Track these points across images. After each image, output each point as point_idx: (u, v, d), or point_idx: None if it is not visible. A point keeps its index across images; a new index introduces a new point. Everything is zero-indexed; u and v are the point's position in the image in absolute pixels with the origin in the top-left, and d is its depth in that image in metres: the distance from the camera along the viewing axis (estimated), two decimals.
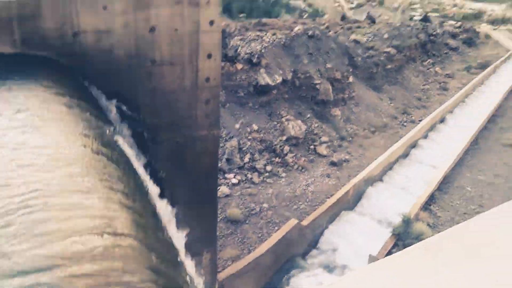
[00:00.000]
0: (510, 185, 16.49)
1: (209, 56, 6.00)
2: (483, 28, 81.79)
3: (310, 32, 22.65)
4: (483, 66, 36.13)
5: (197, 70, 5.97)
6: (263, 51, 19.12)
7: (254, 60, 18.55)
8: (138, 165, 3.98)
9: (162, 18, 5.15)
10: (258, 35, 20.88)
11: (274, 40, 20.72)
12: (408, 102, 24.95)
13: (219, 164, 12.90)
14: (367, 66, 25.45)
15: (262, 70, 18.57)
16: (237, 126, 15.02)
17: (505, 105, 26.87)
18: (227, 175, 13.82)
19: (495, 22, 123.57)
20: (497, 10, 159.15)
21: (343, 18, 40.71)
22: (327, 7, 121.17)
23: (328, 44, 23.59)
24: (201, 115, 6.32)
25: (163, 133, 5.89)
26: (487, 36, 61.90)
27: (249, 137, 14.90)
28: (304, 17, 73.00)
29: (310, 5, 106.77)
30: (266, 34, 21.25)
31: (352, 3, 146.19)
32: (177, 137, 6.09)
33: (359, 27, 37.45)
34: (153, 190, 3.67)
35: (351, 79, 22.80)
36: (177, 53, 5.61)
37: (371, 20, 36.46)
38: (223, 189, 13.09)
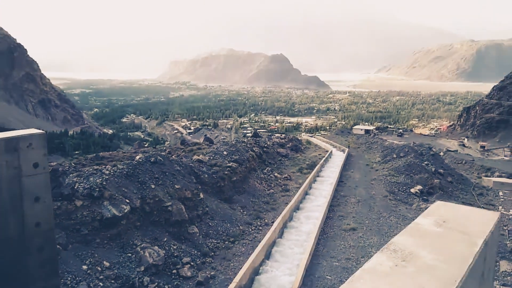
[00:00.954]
0: (361, 266, 18.59)
1: (37, 199, 5.68)
2: (304, 136, 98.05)
3: (152, 159, 23.33)
4: (311, 166, 42.32)
5: (23, 216, 5.52)
6: (104, 183, 18.57)
7: (96, 194, 17.76)
8: None
9: None
10: (96, 169, 20.40)
11: (115, 171, 20.50)
12: (259, 207, 26.89)
13: None
14: (215, 181, 27.04)
15: (106, 203, 17.79)
16: (85, 267, 13.49)
17: (338, 195, 31.44)
18: None
19: (311, 130, 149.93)
20: (310, 121, 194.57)
21: (183, 142, 43.34)
22: (167, 135, 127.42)
23: (173, 167, 24.51)
24: (34, 265, 5.65)
25: None
26: (308, 142, 74.06)
27: (101, 277, 13.44)
28: (146, 145, 75.22)
29: (150, 135, 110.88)
30: (105, 167, 20.94)
31: (190, 128, 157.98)
32: None
33: (199, 148, 40.37)
34: None
35: (202, 195, 23.66)
36: None
37: (209, 141, 40.06)
38: None
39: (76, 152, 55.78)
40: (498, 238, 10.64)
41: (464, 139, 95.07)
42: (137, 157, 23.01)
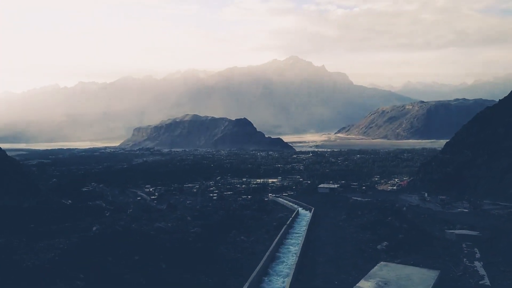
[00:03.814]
0: None
1: None
2: (271, 197, 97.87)
3: (110, 230, 22.23)
4: (278, 227, 41.75)
5: None
6: (56, 258, 17.32)
7: (46, 271, 16.45)
8: None
9: None
10: (48, 243, 19.10)
11: (69, 245, 19.25)
12: (224, 273, 25.75)
13: None
14: (177, 249, 25.90)
15: (58, 280, 16.46)
16: None
17: (305, 255, 30.83)
18: None
19: (277, 190, 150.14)
20: (276, 181, 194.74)
21: (145, 210, 41.99)
22: (130, 202, 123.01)
23: (132, 237, 23.39)
24: None
25: None
26: (275, 202, 73.78)
27: None
28: (107, 214, 71.93)
29: (111, 203, 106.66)
30: (58, 241, 19.66)
31: (154, 195, 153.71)
32: None
33: (162, 215, 39.09)
34: None
35: (163, 265, 22.44)
36: None
37: (172, 207, 39.01)
38: None
39: (31, 226, 52.24)
40: None
41: (424, 193, 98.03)
42: (94, 229, 21.88)
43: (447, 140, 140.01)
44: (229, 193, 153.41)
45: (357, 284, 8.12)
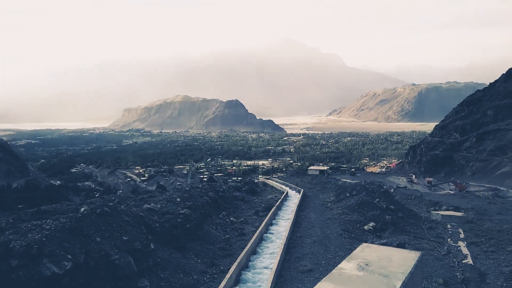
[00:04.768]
0: None
1: None
2: (261, 179, 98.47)
3: (98, 210, 22.22)
4: (268, 208, 42.18)
5: None
6: (44, 239, 17.33)
7: (34, 251, 16.48)
8: None
9: None
10: (36, 224, 19.06)
11: (57, 225, 19.23)
12: (214, 254, 26.09)
13: None
14: (166, 230, 26.08)
15: (45, 260, 16.51)
16: None
17: (293, 236, 31.33)
18: None
19: (267, 172, 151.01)
20: (266, 163, 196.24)
21: (134, 190, 41.95)
22: (119, 184, 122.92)
23: (120, 218, 23.43)
24: None
25: None
26: (264, 184, 74.29)
27: None
28: (97, 195, 71.90)
29: (101, 184, 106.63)
30: (46, 221, 19.62)
31: (144, 176, 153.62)
32: None
33: (151, 196, 39.15)
34: None
35: (152, 246, 22.62)
36: None
37: (162, 188, 39.07)
38: None
39: (20, 206, 52.21)
40: (422, 276, 10.81)
41: (412, 175, 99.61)
42: (82, 209, 21.84)
43: (437, 123, 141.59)
44: (219, 174, 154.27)
45: (338, 265, 8.27)
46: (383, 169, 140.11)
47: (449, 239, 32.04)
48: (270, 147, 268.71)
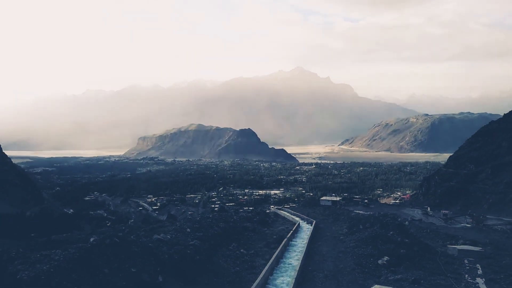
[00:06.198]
0: None
1: None
2: (272, 209, 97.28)
3: (107, 240, 22.06)
4: (279, 240, 41.36)
5: None
6: (52, 270, 17.16)
7: (41, 283, 16.29)
8: None
9: None
10: (45, 254, 18.96)
11: (66, 256, 19.09)
12: (221, 287, 25.42)
13: None
14: (175, 261, 25.64)
15: None
16: None
17: (305, 270, 30.46)
18: None
19: (279, 202, 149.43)
20: (278, 193, 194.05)
21: (146, 220, 41.79)
22: (131, 212, 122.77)
23: (130, 248, 23.19)
24: None
25: None
26: (276, 215, 73.30)
27: None
28: (108, 224, 71.86)
29: (113, 213, 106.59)
30: (55, 252, 19.52)
31: (156, 205, 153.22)
32: None
33: (161, 226, 38.88)
34: None
35: (160, 278, 22.19)
36: None
37: (173, 218, 38.85)
38: None
39: (32, 234, 52.30)
40: None
41: (427, 207, 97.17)
42: (91, 240, 21.71)
43: (451, 154, 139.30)
44: (231, 204, 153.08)
45: None
46: (397, 201, 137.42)
47: (466, 275, 30.73)
48: (282, 177, 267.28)
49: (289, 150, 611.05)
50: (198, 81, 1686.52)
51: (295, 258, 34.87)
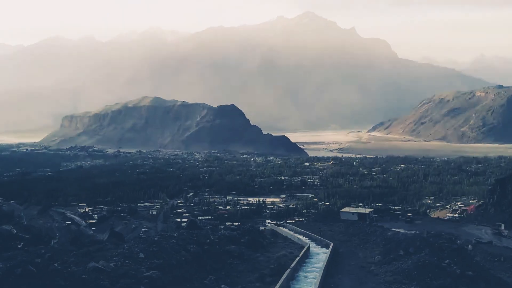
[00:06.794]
0: None
1: None
2: (269, 225, 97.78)
3: (19, 270, 21.99)
4: (278, 271, 41.58)
5: None
6: None
7: None
8: None
9: None
10: None
11: None
12: None
13: None
14: None
15: None
16: None
17: None
18: None
19: (279, 215, 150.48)
20: (277, 202, 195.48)
21: (76, 240, 41.85)
22: (54, 228, 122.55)
23: (53, 282, 23.14)
24: None
25: None
26: (274, 234, 73.73)
27: None
28: (19, 246, 71.97)
29: (26, 229, 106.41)
30: None
31: (92, 218, 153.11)
32: None
33: (101, 249, 38.86)
34: None
35: None
36: None
37: (118, 237, 38.75)
38: None
39: None
40: None
41: (501, 225, 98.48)
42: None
43: None
44: (206, 217, 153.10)
45: None
46: (456, 215, 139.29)
47: None
48: (283, 177, 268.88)
49: (294, 138, 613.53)
50: (154, 32, 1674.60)
51: None
